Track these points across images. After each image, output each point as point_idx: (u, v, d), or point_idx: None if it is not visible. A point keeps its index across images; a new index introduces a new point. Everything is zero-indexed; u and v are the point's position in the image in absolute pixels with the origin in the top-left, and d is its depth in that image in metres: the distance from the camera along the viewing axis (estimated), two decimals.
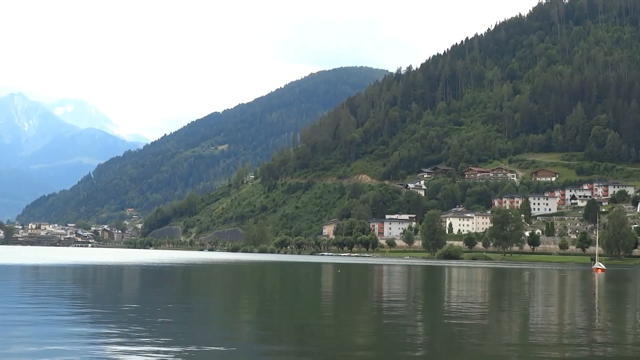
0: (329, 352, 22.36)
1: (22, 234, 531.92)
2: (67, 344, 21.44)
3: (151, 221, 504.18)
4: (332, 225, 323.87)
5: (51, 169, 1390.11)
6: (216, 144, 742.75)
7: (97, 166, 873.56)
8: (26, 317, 28.35)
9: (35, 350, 20.41)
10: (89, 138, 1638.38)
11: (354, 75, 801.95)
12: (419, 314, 36.28)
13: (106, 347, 21.26)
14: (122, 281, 64.73)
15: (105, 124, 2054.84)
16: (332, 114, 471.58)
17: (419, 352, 22.59)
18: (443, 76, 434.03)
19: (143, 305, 37.60)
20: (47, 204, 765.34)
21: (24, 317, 28.54)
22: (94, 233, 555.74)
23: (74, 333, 24.22)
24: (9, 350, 20.32)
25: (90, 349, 20.97)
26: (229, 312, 35.66)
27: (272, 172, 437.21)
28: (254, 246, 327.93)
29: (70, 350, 20.46)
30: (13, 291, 44.44)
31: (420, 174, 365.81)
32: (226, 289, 57.12)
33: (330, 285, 64.10)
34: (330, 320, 31.85)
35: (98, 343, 21.97)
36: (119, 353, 20.28)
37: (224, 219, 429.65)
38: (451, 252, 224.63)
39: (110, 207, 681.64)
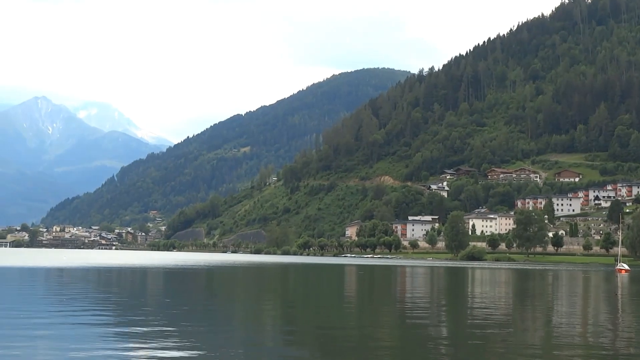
0: (353, 354, 22.57)
1: (47, 237, 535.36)
2: (88, 347, 21.72)
3: (174, 223, 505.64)
4: (355, 227, 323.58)
5: (75, 172, 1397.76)
6: (239, 146, 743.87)
7: (121, 169, 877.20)
8: (49, 320, 28.69)
9: (59, 353, 20.73)
10: (113, 141, 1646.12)
11: (376, 77, 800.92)
12: (443, 316, 36.38)
13: (128, 348, 21.52)
14: (146, 283, 65.13)
15: (129, 126, 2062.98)
16: (354, 115, 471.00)
17: (443, 354, 22.72)
18: (465, 77, 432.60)
19: (166, 307, 37.92)
20: (71, 207, 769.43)
21: (48, 319, 28.89)
22: (117, 235, 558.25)
23: (96, 335, 24.43)
24: (35, 352, 20.70)
25: (113, 350, 21.27)
26: (252, 313, 35.87)
27: (294, 174, 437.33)
28: (277, 248, 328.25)
29: (91, 353, 20.79)
30: (38, 293, 44.93)
31: (443, 175, 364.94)
32: (249, 290, 57.37)
33: (353, 287, 64.25)
34: (353, 322, 31.97)
35: (120, 346, 22.21)
36: (141, 357, 20.54)
37: (247, 221, 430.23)
38: (474, 253, 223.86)
39: (134, 209, 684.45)
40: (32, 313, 31.19)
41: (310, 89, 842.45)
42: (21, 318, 28.71)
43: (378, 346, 24.31)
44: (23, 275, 71.07)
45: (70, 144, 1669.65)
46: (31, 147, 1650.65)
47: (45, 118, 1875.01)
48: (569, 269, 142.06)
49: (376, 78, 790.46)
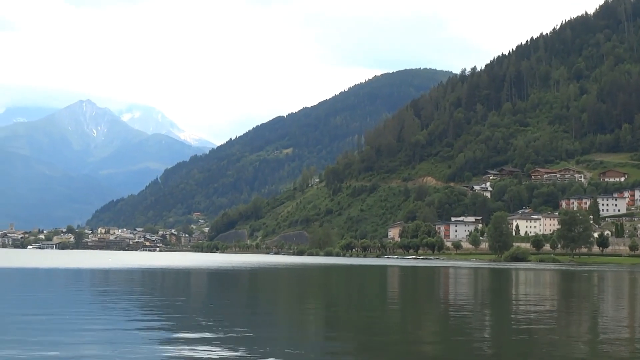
0: (396, 355, 22.57)
1: (92, 239, 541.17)
2: (132, 348, 21.96)
3: (217, 225, 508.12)
4: (398, 228, 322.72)
5: (119, 174, 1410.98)
6: (281, 147, 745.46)
7: (164, 171, 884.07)
8: (95, 320, 29.06)
9: (105, 352, 20.99)
10: (156, 143, 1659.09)
11: (417, 77, 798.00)
12: (487, 317, 36.21)
13: (170, 350, 21.70)
14: (190, 285, 65.54)
15: (172, 129, 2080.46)
16: (396, 116, 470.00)
17: (487, 356, 22.67)
18: (508, 77, 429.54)
19: (210, 308, 38.18)
20: (115, 208, 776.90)
21: (93, 319, 29.28)
22: (161, 237, 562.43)
23: (139, 336, 24.73)
24: (80, 351, 20.99)
25: (156, 351, 21.49)
26: (295, 314, 35.99)
27: (336, 175, 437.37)
28: (320, 249, 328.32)
29: (136, 352, 21.03)
30: (84, 295, 45.44)
31: (486, 176, 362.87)
32: (292, 291, 57.52)
33: (396, 288, 64.15)
34: (396, 323, 31.96)
35: (163, 347, 22.43)
36: (184, 357, 20.72)
37: (290, 222, 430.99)
38: (518, 254, 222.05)
39: (177, 211, 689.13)
40: (80, 316, 31.56)
41: (352, 90, 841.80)
42: (69, 323, 28.98)
43: (421, 348, 24.29)
44: (69, 277, 71.86)
45: (114, 147, 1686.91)
46: (76, 150, 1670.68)
47: (90, 121, 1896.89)
48: (615, 269, 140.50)
49: (418, 78, 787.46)
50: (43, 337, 23.45)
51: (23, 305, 35.82)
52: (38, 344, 21.91)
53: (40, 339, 22.96)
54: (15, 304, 36.39)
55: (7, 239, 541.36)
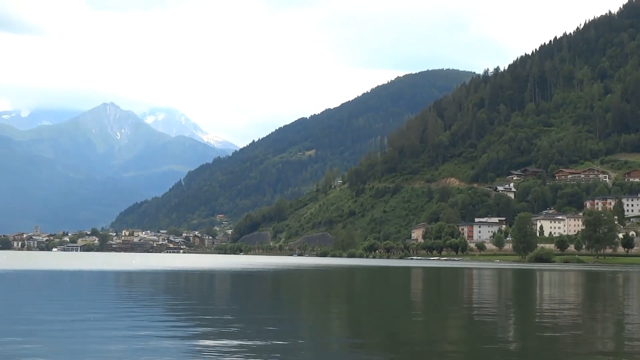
0: (419, 357, 22.56)
1: (116, 241, 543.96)
2: (155, 351, 22.10)
3: (241, 227, 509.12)
4: (421, 229, 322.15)
5: (143, 176, 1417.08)
6: (304, 149, 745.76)
7: (188, 173, 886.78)
8: (118, 322, 29.22)
9: (130, 355, 21.15)
10: (180, 146, 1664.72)
11: (440, 78, 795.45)
12: (511, 318, 36.10)
13: (193, 354, 21.80)
14: (214, 287, 65.75)
15: (195, 131, 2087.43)
16: (419, 117, 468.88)
17: (511, 358, 22.62)
18: (531, 77, 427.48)
19: (233, 309, 38.31)
20: (139, 211, 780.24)
21: (117, 321, 29.44)
22: (185, 239, 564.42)
23: (166, 336, 24.89)
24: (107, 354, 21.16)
25: (181, 352, 21.62)
26: (318, 317, 36.04)
27: (359, 177, 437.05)
28: (343, 251, 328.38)
29: (163, 351, 21.18)
30: (110, 298, 45.70)
31: (510, 176, 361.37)
32: (316, 293, 57.58)
33: (419, 289, 64.07)
34: (419, 325, 31.93)
35: (186, 351, 22.55)
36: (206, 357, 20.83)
37: (313, 223, 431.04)
38: (542, 255, 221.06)
39: (201, 213, 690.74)
40: (103, 319, 31.75)
41: (375, 92, 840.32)
42: (93, 329, 29.16)
43: (445, 349, 24.27)
44: (94, 279, 72.29)
45: (138, 149, 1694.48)
46: (100, 152, 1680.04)
47: (114, 124, 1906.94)
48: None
49: (441, 79, 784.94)
50: (71, 340, 23.65)
51: (49, 307, 36.05)
52: (66, 350, 22.11)
53: (68, 344, 23.15)
54: (41, 306, 36.63)
55: (33, 242, 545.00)
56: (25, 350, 21.38)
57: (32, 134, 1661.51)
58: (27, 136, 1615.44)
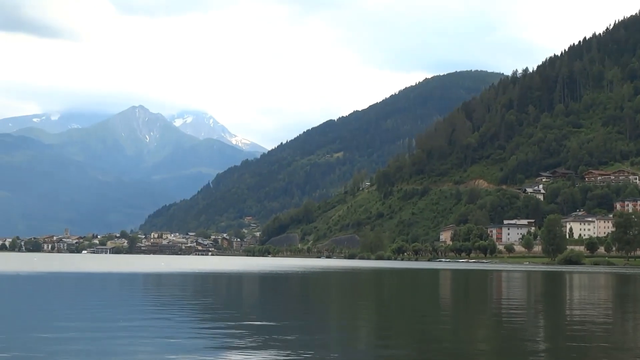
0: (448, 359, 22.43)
1: (145, 243, 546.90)
2: (187, 351, 22.11)
3: (269, 229, 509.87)
4: (449, 231, 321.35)
5: (172, 179, 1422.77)
6: (332, 151, 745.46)
7: (216, 176, 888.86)
8: (148, 325, 29.29)
9: (160, 355, 21.17)
10: (208, 148, 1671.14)
11: (468, 80, 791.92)
12: (540, 321, 35.83)
13: (222, 354, 21.79)
14: (242, 289, 65.84)
15: (223, 134, 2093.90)
16: (448, 119, 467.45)
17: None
18: (561, 78, 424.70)
19: (261, 311, 38.30)
20: (168, 213, 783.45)
21: (146, 322, 29.51)
22: (213, 241, 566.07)
23: (195, 337, 24.92)
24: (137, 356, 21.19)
25: (208, 353, 21.62)
26: (347, 320, 35.95)
27: (387, 179, 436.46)
28: (371, 253, 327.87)
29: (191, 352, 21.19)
30: (138, 299, 45.86)
31: (539, 178, 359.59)
32: (344, 295, 57.49)
33: (448, 293, 63.80)
34: (448, 327, 31.75)
35: (216, 350, 22.55)
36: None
37: (341, 226, 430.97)
38: (572, 257, 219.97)
39: (229, 215, 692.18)
40: (133, 321, 31.84)
41: (403, 93, 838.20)
42: (123, 330, 29.23)
43: (474, 350, 24.11)
44: (123, 282, 72.64)
45: (166, 152, 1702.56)
46: (129, 155, 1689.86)
47: (143, 127, 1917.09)
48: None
49: (469, 81, 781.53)
50: (101, 343, 23.75)
51: (79, 309, 36.25)
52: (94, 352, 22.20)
53: (98, 345, 23.25)
54: (71, 309, 36.84)
55: (62, 244, 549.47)
56: (55, 351, 21.49)
57: (62, 137, 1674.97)
58: (57, 139, 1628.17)
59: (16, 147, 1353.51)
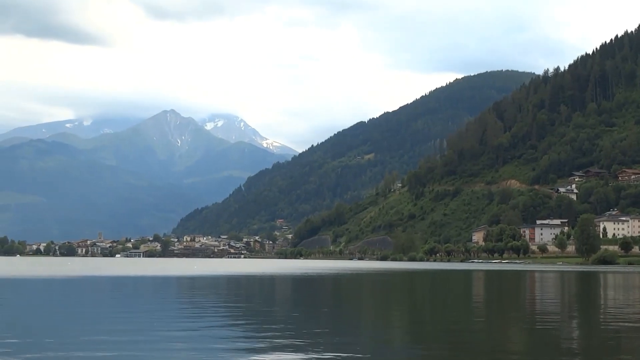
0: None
1: (178, 247, 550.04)
2: (220, 353, 22.32)
3: (301, 231, 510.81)
4: (482, 232, 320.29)
5: (203, 182, 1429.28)
6: (362, 153, 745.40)
7: (247, 179, 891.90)
8: (181, 325, 29.56)
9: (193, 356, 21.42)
10: (239, 152, 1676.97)
11: (499, 79, 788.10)
12: (575, 322, 35.71)
13: (255, 356, 21.96)
14: (275, 290, 66.09)
15: (254, 137, 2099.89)
16: (479, 119, 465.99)
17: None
18: (592, 76, 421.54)
19: (293, 312, 38.47)
20: (200, 217, 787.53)
21: (179, 326, 29.79)
22: (245, 244, 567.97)
23: (227, 341, 25.14)
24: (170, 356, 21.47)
25: (240, 354, 21.83)
26: (379, 320, 36.04)
27: (419, 180, 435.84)
28: (403, 254, 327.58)
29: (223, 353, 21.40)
30: (173, 303, 46.22)
31: (571, 178, 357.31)
32: (376, 297, 57.54)
33: (481, 293, 63.67)
34: (481, 329, 31.72)
35: (249, 353, 22.73)
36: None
37: (372, 227, 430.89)
38: (606, 257, 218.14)
39: (261, 218, 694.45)
40: (167, 322, 32.13)
41: (433, 94, 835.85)
42: (157, 330, 29.52)
43: (508, 352, 24.12)
44: (157, 285, 73.14)
45: (198, 156, 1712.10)
46: (161, 159, 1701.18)
47: (174, 131, 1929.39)
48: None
49: (500, 81, 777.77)
50: (136, 345, 24.02)
51: (114, 312, 36.62)
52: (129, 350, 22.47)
53: (133, 349, 23.51)
54: (107, 311, 37.22)
55: (96, 248, 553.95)
56: (87, 353, 21.77)
57: (95, 142, 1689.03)
58: (90, 144, 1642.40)
59: (50, 153, 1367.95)
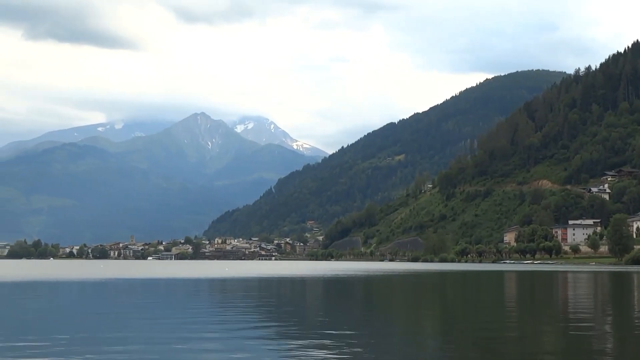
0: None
1: (209, 249, 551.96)
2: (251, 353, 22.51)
3: (331, 233, 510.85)
4: (513, 233, 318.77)
5: (234, 185, 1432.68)
6: (393, 154, 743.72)
7: (278, 181, 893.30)
8: (214, 326, 29.78)
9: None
10: (269, 154, 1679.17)
11: (530, 79, 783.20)
12: (608, 324, 35.52)
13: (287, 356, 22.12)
14: (305, 292, 66.25)
15: (284, 139, 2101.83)
16: (509, 119, 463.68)
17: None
18: (624, 75, 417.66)
19: (325, 314, 38.59)
20: (231, 219, 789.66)
21: (212, 326, 30.00)
22: (276, 246, 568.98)
23: (259, 342, 25.30)
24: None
25: (272, 356, 22.01)
26: (411, 322, 36.08)
27: (449, 181, 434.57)
28: (434, 255, 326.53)
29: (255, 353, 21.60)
30: (204, 305, 46.52)
31: (604, 177, 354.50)
32: (408, 298, 57.54)
33: (513, 294, 63.45)
34: (514, 332, 31.64)
35: (279, 352, 22.89)
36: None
37: (403, 228, 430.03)
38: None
39: (292, 220, 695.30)
40: (199, 324, 32.37)
41: (463, 94, 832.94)
42: (189, 332, 29.74)
43: (540, 354, 24.09)
44: (188, 287, 73.59)
45: (228, 158, 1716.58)
46: (192, 162, 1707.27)
47: (205, 134, 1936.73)
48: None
49: (530, 80, 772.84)
50: (167, 348, 24.27)
51: (149, 313, 36.93)
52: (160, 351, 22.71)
53: (166, 351, 23.76)
54: (143, 312, 37.55)
55: (128, 251, 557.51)
56: (120, 355, 22.03)
57: (126, 146, 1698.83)
58: (121, 147, 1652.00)
59: (82, 156, 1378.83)
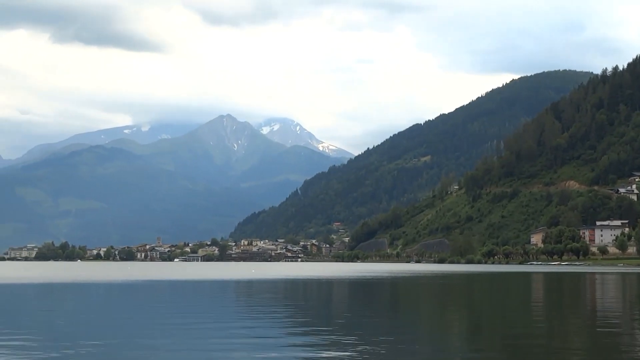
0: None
1: (235, 251, 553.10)
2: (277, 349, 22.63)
3: (357, 234, 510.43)
4: (540, 234, 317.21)
5: (260, 186, 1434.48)
6: (419, 155, 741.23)
7: (304, 182, 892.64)
8: (240, 328, 29.94)
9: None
10: (295, 155, 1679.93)
11: (556, 80, 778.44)
12: (636, 325, 35.37)
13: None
14: (332, 294, 66.34)
15: (310, 141, 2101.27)
16: (536, 120, 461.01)
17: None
18: None
19: (351, 315, 38.66)
20: (257, 220, 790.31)
21: (239, 327, 30.17)
22: (302, 248, 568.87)
23: (283, 345, 25.41)
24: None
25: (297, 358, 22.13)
26: (437, 324, 36.09)
27: (476, 182, 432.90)
28: (461, 257, 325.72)
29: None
30: (231, 306, 46.70)
31: (632, 178, 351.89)
32: (434, 300, 57.49)
33: (541, 296, 63.21)
34: (541, 333, 31.56)
35: (304, 354, 23.00)
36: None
37: (429, 230, 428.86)
38: None
39: (318, 221, 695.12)
40: (225, 325, 32.53)
41: (490, 95, 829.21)
42: (216, 330, 29.89)
43: (567, 356, 24.05)
44: (214, 288, 73.88)
45: (254, 160, 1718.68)
46: (218, 164, 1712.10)
47: (231, 135, 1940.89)
48: None
49: (557, 81, 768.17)
50: (195, 342, 24.42)
51: (177, 315, 37.14)
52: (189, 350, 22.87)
53: (192, 346, 23.92)
54: (169, 314, 37.75)
55: (155, 253, 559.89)
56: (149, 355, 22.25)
57: (153, 148, 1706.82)
58: (148, 150, 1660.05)
59: (109, 159, 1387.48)
